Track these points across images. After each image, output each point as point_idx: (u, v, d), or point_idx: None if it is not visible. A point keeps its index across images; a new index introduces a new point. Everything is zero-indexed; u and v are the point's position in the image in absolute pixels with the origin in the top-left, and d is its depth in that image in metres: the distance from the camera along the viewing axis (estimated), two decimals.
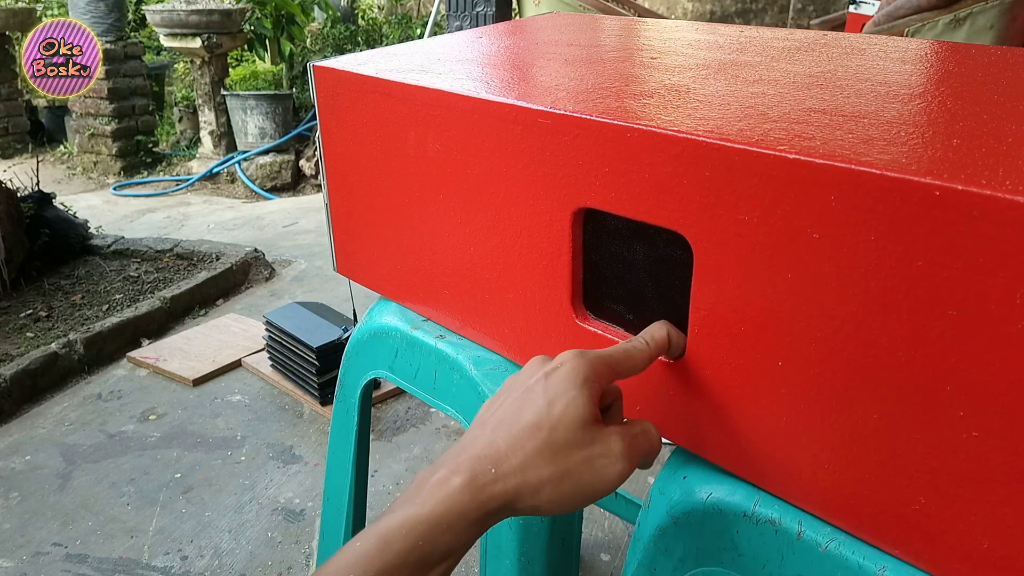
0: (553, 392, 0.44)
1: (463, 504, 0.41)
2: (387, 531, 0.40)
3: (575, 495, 0.43)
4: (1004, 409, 0.36)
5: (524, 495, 0.42)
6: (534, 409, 0.44)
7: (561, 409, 0.43)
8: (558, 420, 0.43)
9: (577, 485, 0.43)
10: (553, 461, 0.43)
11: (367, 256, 0.78)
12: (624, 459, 0.44)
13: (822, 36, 0.78)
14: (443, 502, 0.41)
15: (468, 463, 0.43)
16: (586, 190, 0.53)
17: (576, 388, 0.44)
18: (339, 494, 0.96)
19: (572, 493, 0.43)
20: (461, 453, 0.44)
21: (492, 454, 0.43)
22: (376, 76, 0.67)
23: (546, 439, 0.43)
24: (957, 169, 0.37)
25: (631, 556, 0.59)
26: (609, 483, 0.44)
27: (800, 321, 0.43)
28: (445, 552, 0.41)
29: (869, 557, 0.44)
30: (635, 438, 0.45)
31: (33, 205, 2.80)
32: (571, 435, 0.43)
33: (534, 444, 0.43)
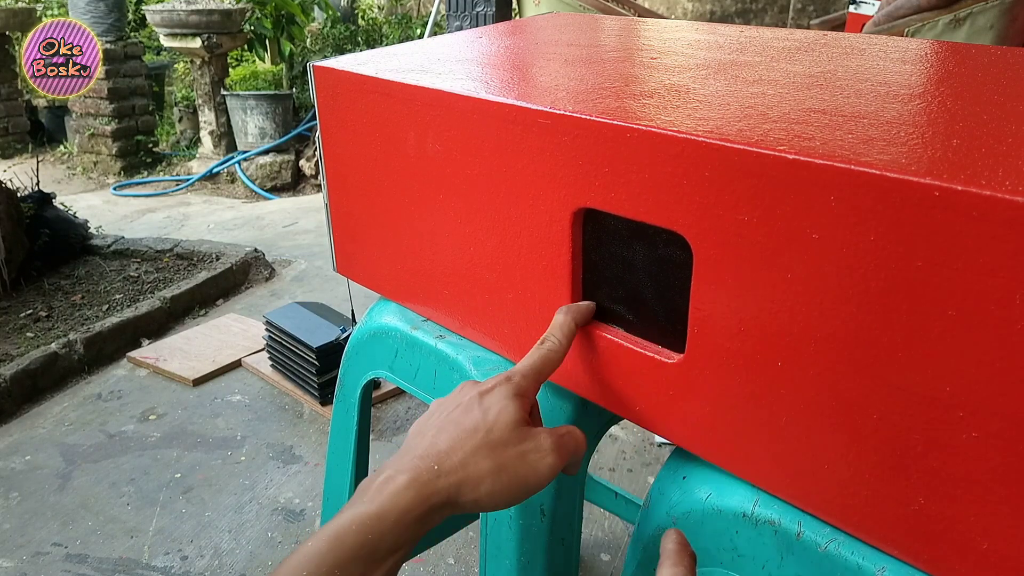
0: (488, 403, 0.50)
1: (408, 500, 0.44)
2: (338, 529, 0.43)
3: (512, 488, 0.47)
4: (1004, 409, 0.36)
5: (465, 489, 0.46)
6: (471, 417, 0.49)
7: (495, 414, 0.49)
8: (493, 423, 0.48)
9: (514, 478, 0.47)
10: (491, 456, 0.47)
11: (367, 256, 0.78)
12: (554, 453, 0.48)
13: (822, 36, 0.78)
14: (390, 499, 0.44)
15: (411, 463, 0.46)
16: (586, 190, 0.53)
17: (509, 399, 0.50)
18: (339, 494, 0.96)
19: (509, 486, 0.47)
20: (403, 456, 0.47)
21: (434, 453, 0.47)
22: (376, 76, 0.67)
23: (483, 438, 0.48)
24: (957, 169, 0.37)
25: (631, 556, 0.59)
26: (541, 476, 0.48)
27: (800, 321, 0.43)
28: (393, 546, 0.44)
29: (868, 557, 0.44)
30: (562, 436, 0.50)
31: (33, 205, 2.80)
32: (506, 434, 0.48)
33: (473, 443, 0.47)
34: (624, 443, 1.85)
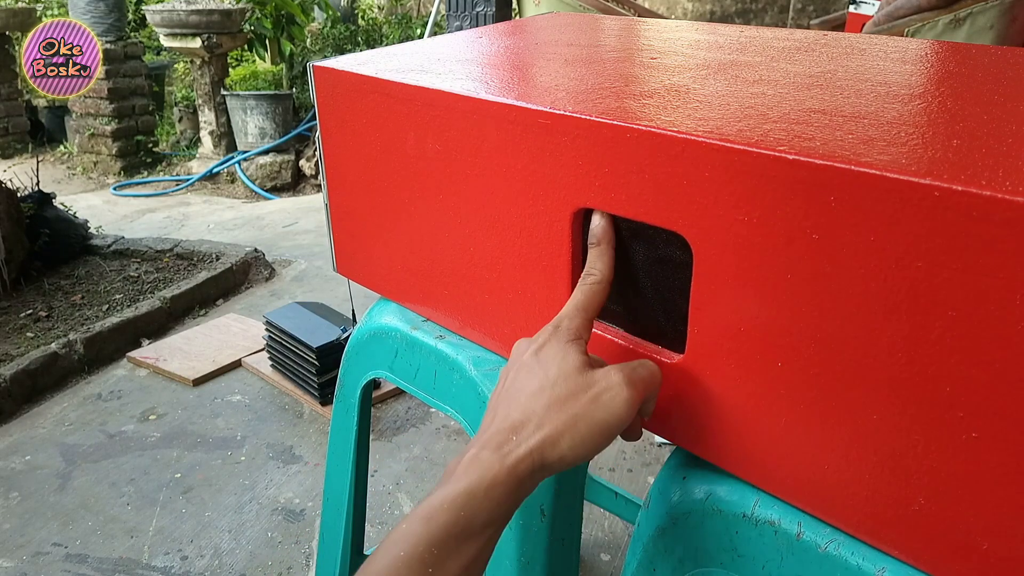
0: (545, 359, 0.49)
1: (495, 472, 0.44)
2: (429, 509, 0.43)
3: (593, 434, 0.46)
4: (1004, 410, 0.36)
5: (547, 450, 0.45)
6: (534, 377, 0.48)
7: (556, 368, 0.48)
8: (556, 377, 0.48)
9: (592, 424, 0.46)
10: (563, 410, 0.46)
11: (367, 256, 0.78)
12: (627, 385, 0.47)
13: (822, 36, 0.78)
14: (477, 473, 0.44)
15: (491, 438, 0.46)
16: (586, 190, 0.52)
17: (564, 348, 0.49)
18: (339, 494, 0.96)
19: (590, 432, 0.46)
20: (482, 434, 0.47)
21: (509, 425, 0.46)
22: (376, 76, 0.67)
23: (550, 395, 0.47)
24: (957, 170, 0.37)
25: (631, 556, 0.59)
26: (619, 412, 0.47)
27: (800, 321, 0.43)
28: (486, 520, 0.44)
29: (868, 558, 0.44)
30: (633, 369, 0.49)
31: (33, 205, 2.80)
32: (571, 383, 0.47)
33: (542, 403, 0.47)
34: (624, 443, 1.85)
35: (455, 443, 1.91)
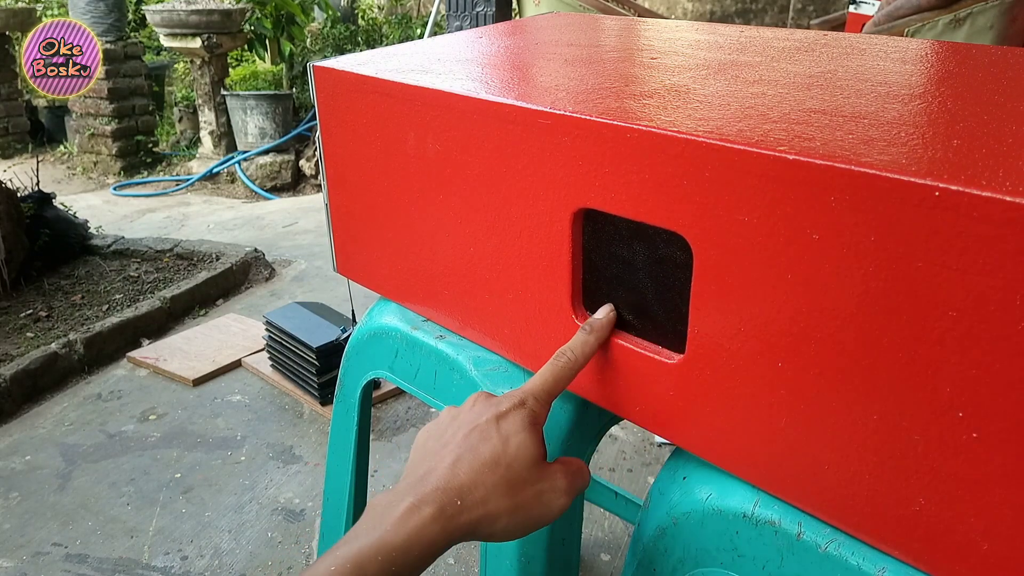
0: (506, 432, 0.50)
1: (434, 534, 0.45)
2: (360, 556, 0.44)
3: (526, 524, 0.49)
4: (1004, 410, 0.36)
5: (483, 525, 0.47)
6: (490, 446, 0.49)
7: (515, 448, 0.49)
8: (513, 458, 0.49)
9: (528, 516, 0.49)
10: (509, 495, 0.48)
11: (367, 256, 0.78)
12: (566, 495, 0.50)
13: (822, 36, 0.78)
14: (415, 531, 0.45)
15: (435, 495, 0.46)
16: (586, 190, 0.52)
17: (526, 431, 0.50)
18: (339, 494, 0.96)
19: (523, 522, 0.49)
20: (423, 483, 0.48)
21: (456, 487, 0.47)
22: (376, 76, 0.67)
23: (503, 475, 0.48)
24: (957, 170, 0.37)
25: (631, 556, 0.59)
26: (553, 514, 0.50)
27: (800, 322, 0.43)
28: (411, 574, 0.45)
29: (868, 558, 0.44)
30: (574, 475, 0.51)
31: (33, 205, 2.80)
32: (524, 472, 0.49)
33: (493, 479, 0.48)
34: (624, 443, 1.85)
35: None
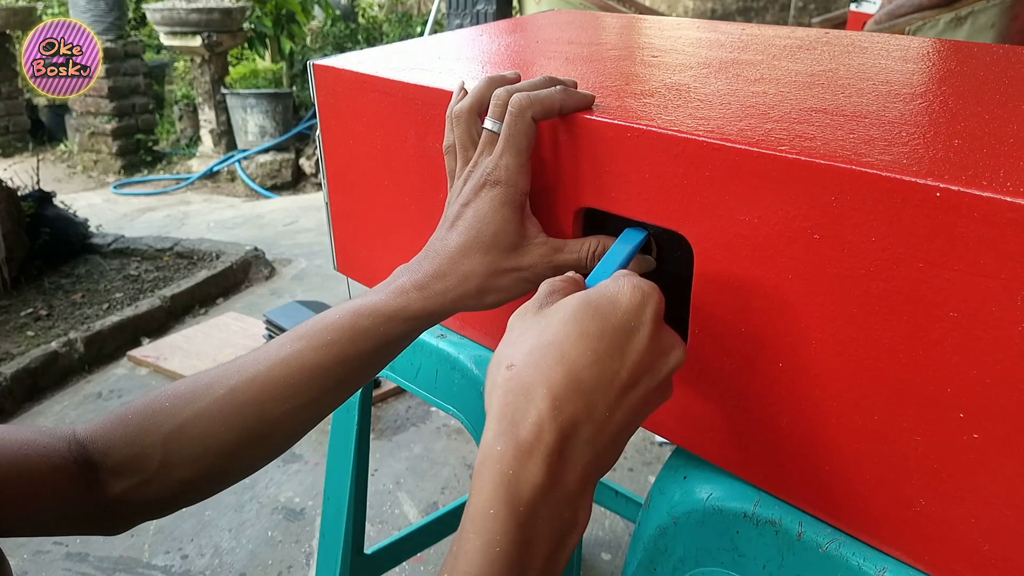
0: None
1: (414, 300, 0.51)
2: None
3: None
4: (1004, 411, 0.36)
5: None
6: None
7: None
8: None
9: None
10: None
11: (367, 255, 0.77)
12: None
13: (823, 34, 0.77)
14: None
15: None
16: (586, 190, 0.52)
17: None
18: (339, 493, 0.96)
19: None
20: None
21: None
22: (376, 75, 0.66)
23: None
24: (958, 170, 0.37)
25: (631, 556, 0.59)
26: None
27: (800, 322, 0.43)
28: None
29: (869, 558, 0.44)
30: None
31: (33, 204, 2.80)
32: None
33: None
34: None
35: (455, 442, 1.91)
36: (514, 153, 0.50)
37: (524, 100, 0.49)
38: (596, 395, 0.37)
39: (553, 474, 0.35)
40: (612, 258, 0.49)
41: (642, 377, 0.39)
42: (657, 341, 0.39)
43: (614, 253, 0.49)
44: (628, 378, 0.38)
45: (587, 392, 0.37)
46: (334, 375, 0.50)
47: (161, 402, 0.50)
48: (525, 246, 0.52)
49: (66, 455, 0.47)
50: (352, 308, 0.51)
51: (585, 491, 0.37)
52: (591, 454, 0.37)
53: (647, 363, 0.39)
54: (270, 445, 0.52)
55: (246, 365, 0.51)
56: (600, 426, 0.37)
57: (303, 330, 0.51)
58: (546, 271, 0.52)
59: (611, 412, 0.37)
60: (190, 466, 0.49)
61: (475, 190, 0.51)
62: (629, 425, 0.39)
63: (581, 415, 0.37)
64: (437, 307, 0.51)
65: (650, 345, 0.39)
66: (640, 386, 0.39)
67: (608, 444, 0.38)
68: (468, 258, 0.51)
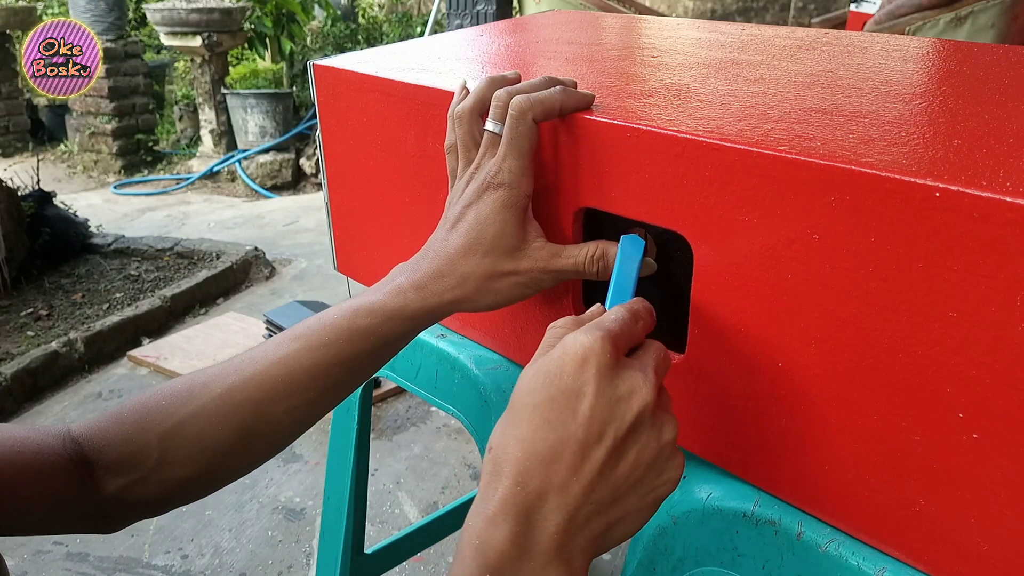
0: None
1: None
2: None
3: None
4: (1004, 411, 0.36)
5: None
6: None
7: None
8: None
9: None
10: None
11: (368, 255, 0.78)
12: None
13: (823, 35, 0.77)
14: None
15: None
16: (586, 190, 0.52)
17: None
18: (339, 493, 0.96)
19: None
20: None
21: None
22: (376, 75, 0.67)
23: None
24: (958, 170, 0.37)
25: (631, 555, 0.59)
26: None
27: (800, 322, 0.43)
28: None
29: (869, 558, 0.44)
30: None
31: (33, 204, 2.80)
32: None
33: None
34: None
35: (455, 442, 1.91)
36: (516, 156, 0.50)
37: (524, 103, 0.49)
38: (556, 463, 0.37)
39: (518, 542, 0.36)
40: (624, 279, 0.48)
41: (604, 430, 0.37)
42: (609, 390, 0.38)
43: (624, 272, 0.48)
44: (585, 436, 0.37)
45: (547, 462, 0.37)
46: (332, 375, 0.50)
47: (157, 400, 0.49)
48: (524, 250, 0.52)
49: (61, 453, 0.47)
50: (350, 308, 0.51)
51: (563, 557, 0.37)
52: (563, 520, 0.37)
53: (604, 415, 0.38)
54: (267, 444, 0.52)
55: (243, 364, 0.51)
56: (565, 490, 0.37)
57: (301, 330, 0.51)
58: (544, 276, 0.52)
59: (575, 474, 0.37)
60: (187, 465, 0.49)
61: (478, 192, 0.51)
62: (620, 481, 0.38)
63: (543, 485, 0.37)
64: (435, 307, 0.51)
65: (599, 398, 0.38)
66: (606, 439, 0.37)
67: (595, 508, 0.38)
68: (467, 260, 0.51)
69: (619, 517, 0.39)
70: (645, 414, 0.38)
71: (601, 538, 0.39)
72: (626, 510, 0.39)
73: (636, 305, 0.44)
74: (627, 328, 0.41)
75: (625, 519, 0.39)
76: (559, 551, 0.37)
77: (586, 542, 0.38)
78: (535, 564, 0.36)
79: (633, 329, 0.41)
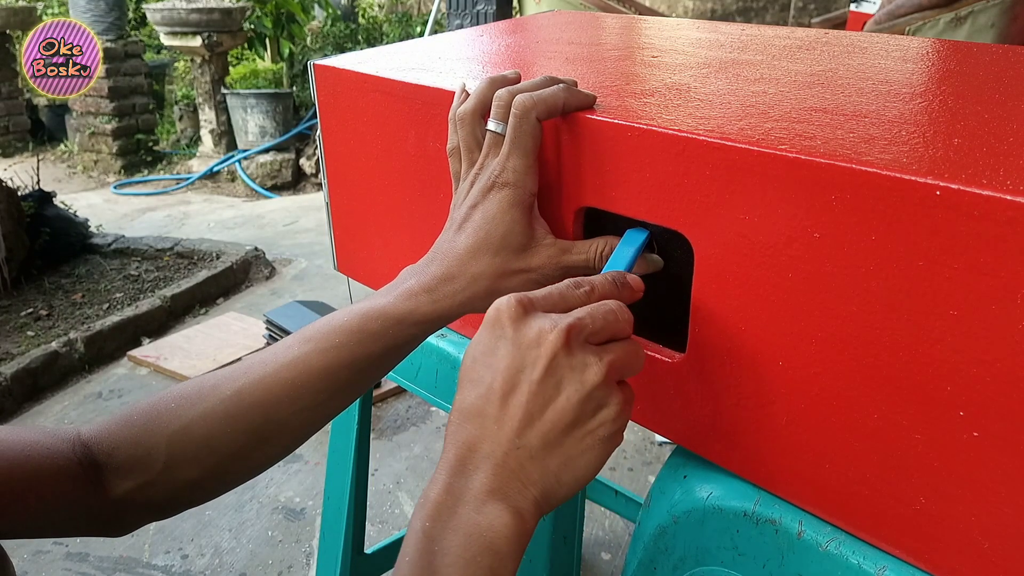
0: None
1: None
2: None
3: None
4: (1004, 409, 0.36)
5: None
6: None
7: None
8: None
9: None
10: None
11: (368, 255, 0.78)
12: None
13: (823, 35, 0.78)
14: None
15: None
16: (586, 189, 0.52)
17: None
18: (339, 493, 0.96)
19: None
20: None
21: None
22: (377, 75, 0.67)
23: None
24: (958, 169, 0.37)
25: (631, 555, 0.59)
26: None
27: (801, 321, 0.43)
28: None
29: (869, 557, 0.44)
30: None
31: (34, 204, 2.80)
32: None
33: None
34: (625, 442, 1.85)
35: None
36: (521, 154, 0.50)
37: (528, 101, 0.49)
38: (481, 416, 0.40)
39: (453, 491, 0.39)
40: (617, 263, 0.49)
41: (518, 377, 0.39)
42: (517, 339, 0.40)
43: (618, 257, 0.49)
44: (502, 386, 0.39)
45: (472, 416, 0.40)
46: (342, 378, 0.50)
47: (166, 403, 0.49)
48: (534, 247, 0.52)
49: (70, 456, 0.47)
50: (360, 311, 0.51)
51: (499, 498, 0.38)
52: (493, 465, 0.39)
53: (515, 364, 0.39)
54: (276, 447, 0.52)
55: (253, 367, 0.51)
56: (492, 439, 0.39)
57: (310, 332, 0.51)
58: (554, 272, 0.52)
59: (498, 423, 0.39)
60: (195, 467, 0.49)
61: (483, 192, 0.51)
62: (548, 426, 0.39)
63: (471, 437, 0.40)
64: (446, 310, 0.51)
65: (510, 347, 0.40)
66: (522, 385, 0.39)
67: (526, 452, 0.39)
68: (477, 260, 0.51)
69: (561, 462, 0.40)
70: (558, 358, 0.39)
71: (546, 482, 0.40)
72: (567, 454, 0.40)
73: (597, 278, 0.45)
74: (554, 291, 0.42)
75: (569, 463, 0.40)
76: (493, 493, 0.38)
77: (524, 486, 0.39)
78: (469, 508, 0.38)
79: (566, 292, 0.43)
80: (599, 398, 0.40)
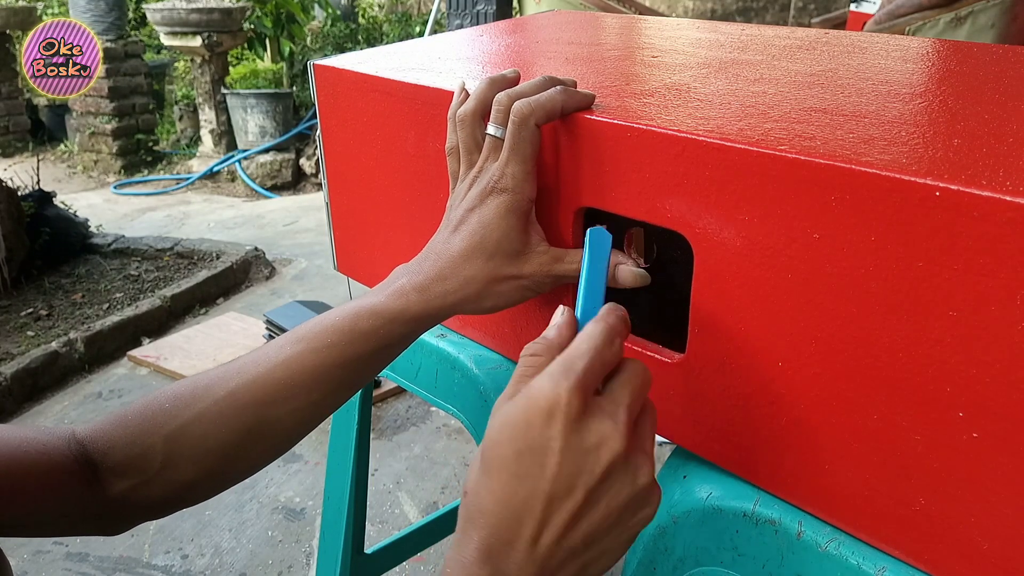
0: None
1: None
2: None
3: None
4: (1004, 410, 0.36)
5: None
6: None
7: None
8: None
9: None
10: None
11: (368, 255, 0.78)
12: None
13: (823, 35, 0.77)
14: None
15: None
16: (586, 190, 0.52)
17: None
18: (339, 493, 0.96)
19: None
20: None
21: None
22: (377, 75, 0.67)
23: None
24: (958, 169, 0.37)
25: (631, 555, 0.59)
26: None
27: (800, 321, 0.43)
28: None
29: (869, 557, 0.44)
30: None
31: (34, 204, 2.80)
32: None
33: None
34: None
35: (455, 442, 1.91)
36: (519, 161, 0.50)
37: (526, 108, 0.49)
38: (527, 517, 0.37)
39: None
40: (594, 280, 0.45)
41: (573, 483, 0.37)
42: (576, 443, 0.37)
43: (593, 272, 0.45)
44: (553, 490, 0.37)
45: (518, 516, 0.37)
46: (334, 376, 0.50)
47: (161, 403, 0.50)
48: (527, 254, 0.52)
49: (66, 454, 0.47)
50: (352, 310, 0.51)
51: None
52: (535, 568, 0.38)
53: (572, 469, 0.37)
54: (271, 446, 0.52)
55: (246, 367, 0.51)
56: (537, 542, 0.37)
57: (303, 332, 0.51)
58: (546, 279, 0.52)
59: (545, 526, 0.37)
60: (191, 467, 0.49)
61: (481, 196, 0.51)
62: (593, 528, 0.38)
63: (515, 536, 0.37)
64: (437, 310, 0.51)
65: (567, 452, 0.37)
66: (576, 492, 0.37)
67: (568, 554, 0.38)
68: (470, 263, 0.51)
69: (595, 556, 0.39)
70: (616, 463, 0.38)
71: (577, 574, 0.39)
72: (601, 550, 0.39)
73: (610, 318, 0.41)
74: (599, 359, 0.39)
75: (601, 557, 0.40)
76: None
77: None
78: None
79: (606, 356, 0.39)
80: (644, 498, 0.40)
